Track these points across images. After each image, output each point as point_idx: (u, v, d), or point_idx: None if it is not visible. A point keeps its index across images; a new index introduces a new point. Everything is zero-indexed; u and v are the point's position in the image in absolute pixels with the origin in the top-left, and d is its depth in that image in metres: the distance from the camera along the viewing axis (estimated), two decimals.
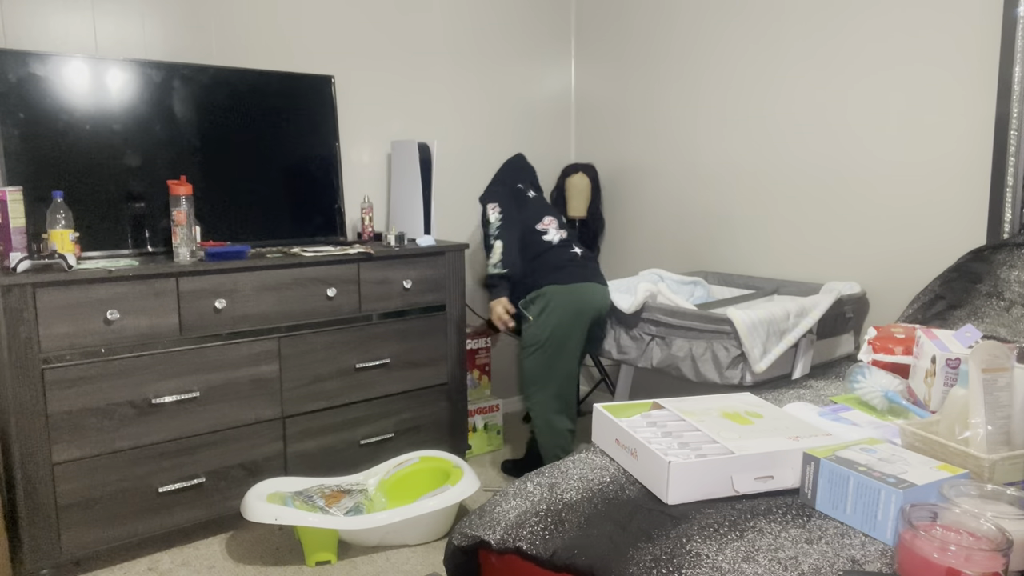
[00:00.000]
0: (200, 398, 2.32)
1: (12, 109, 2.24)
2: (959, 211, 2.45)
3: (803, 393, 1.85)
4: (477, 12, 3.40)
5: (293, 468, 2.54)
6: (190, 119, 2.56)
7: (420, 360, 2.81)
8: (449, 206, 3.40)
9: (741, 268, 3.11)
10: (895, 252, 2.62)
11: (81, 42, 2.44)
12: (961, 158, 2.43)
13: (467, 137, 3.44)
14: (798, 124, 2.86)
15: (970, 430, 1.25)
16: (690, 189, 3.25)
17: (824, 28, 2.74)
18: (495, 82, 3.50)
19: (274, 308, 2.44)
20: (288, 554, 2.33)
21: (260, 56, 2.80)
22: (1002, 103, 2.29)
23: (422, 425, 2.85)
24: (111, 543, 2.21)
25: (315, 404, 2.56)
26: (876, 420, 1.56)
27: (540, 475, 1.43)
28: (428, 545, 2.38)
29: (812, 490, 1.23)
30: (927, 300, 2.32)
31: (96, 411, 2.15)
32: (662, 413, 1.50)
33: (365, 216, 2.94)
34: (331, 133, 2.89)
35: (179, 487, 2.30)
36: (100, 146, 2.39)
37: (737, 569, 1.05)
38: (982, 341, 1.42)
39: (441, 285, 2.83)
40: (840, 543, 1.10)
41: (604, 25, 3.61)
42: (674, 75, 3.28)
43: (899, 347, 1.85)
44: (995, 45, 2.31)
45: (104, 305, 2.13)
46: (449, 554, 1.39)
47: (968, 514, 1.00)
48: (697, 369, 2.34)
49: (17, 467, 2.04)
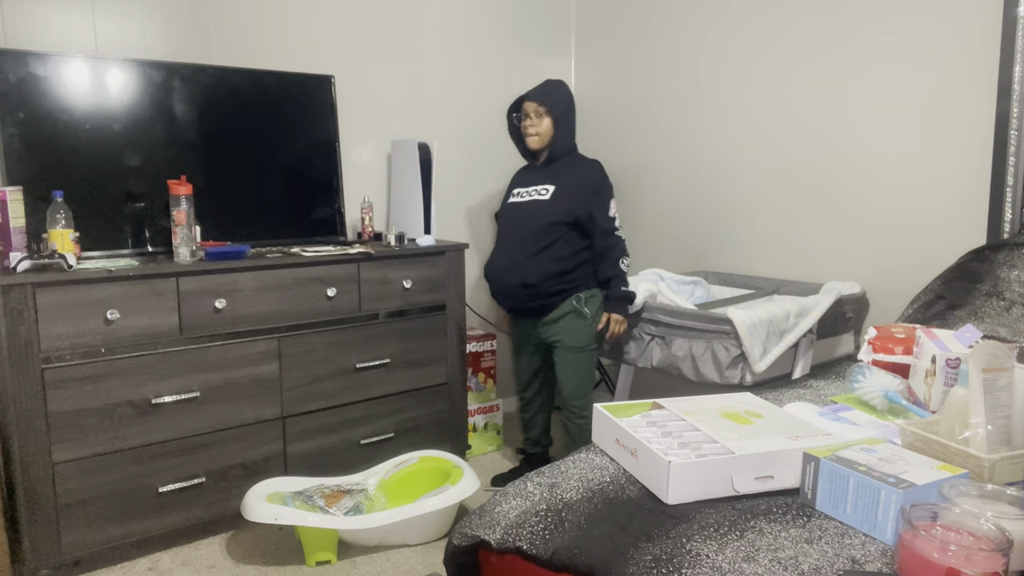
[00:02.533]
0: (200, 398, 2.32)
1: (12, 109, 2.24)
2: (959, 211, 2.45)
3: (803, 393, 1.85)
4: (477, 12, 3.40)
5: (293, 468, 2.54)
6: (190, 119, 2.55)
7: (420, 360, 2.81)
8: (449, 206, 3.40)
9: (741, 268, 3.11)
10: (895, 252, 2.62)
11: (81, 42, 2.44)
12: (961, 158, 2.43)
13: (467, 137, 3.44)
14: (797, 124, 2.86)
15: (970, 430, 1.25)
16: (690, 189, 3.25)
17: (824, 28, 2.74)
18: (495, 82, 3.50)
19: (274, 308, 2.43)
20: (288, 554, 2.33)
21: (260, 56, 2.80)
22: (1002, 103, 2.29)
23: (422, 425, 2.85)
24: (111, 543, 2.21)
25: (315, 404, 2.56)
26: (876, 420, 1.56)
27: (540, 475, 1.43)
28: (428, 545, 2.38)
29: (812, 490, 1.23)
30: (927, 300, 2.32)
31: (96, 411, 2.15)
32: (662, 413, 1.49)
33: (365, 216, 2.94)
34: (331, 133, 2.89)
35: (179, 487, 2.30)
36: (100, 146, 2.39)
37: (737, 569, 1.05)
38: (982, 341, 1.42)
39: (441, 285, 2.83)
40: (840, 543, 1.10)
41: (604, 25, 3.61)
42: (674, 75, 3.28)
43: (899, 347, 1.85)
44: (995, 45, 2.31)
45: (104, 305, 2.13)
46: (449, 554, 1.39)
47: (968, 514, 1.00)
48: (697, 369, 2.34)
49: (17, 467, 2.04)
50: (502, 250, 2.63)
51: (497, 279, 2.62)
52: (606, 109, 3.62)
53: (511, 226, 2.63)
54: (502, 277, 2.60)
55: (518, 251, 2.56)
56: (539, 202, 2.56)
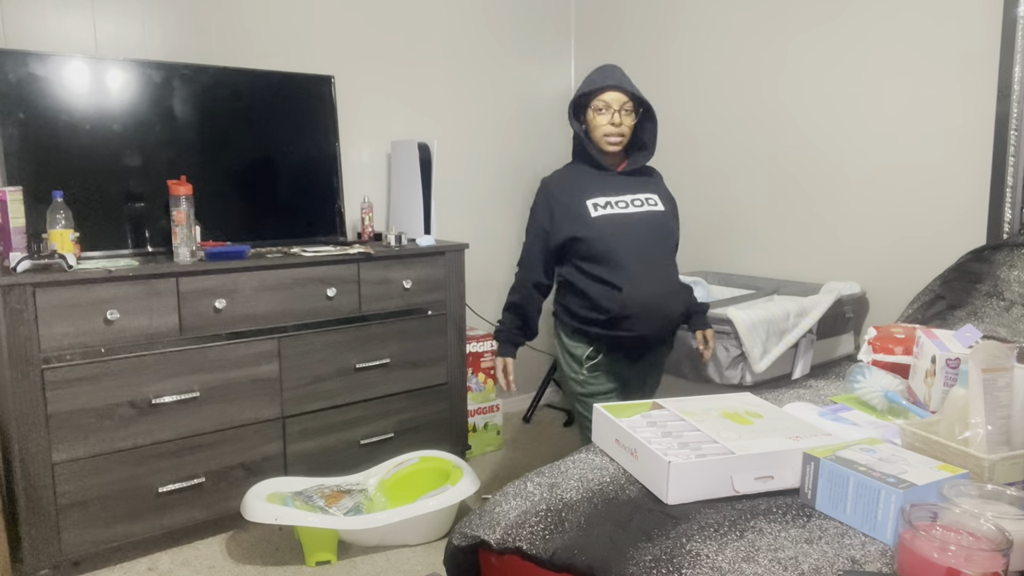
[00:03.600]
0: (200, 398, 2.32)
1: (12, 109, 2.24)
2: (959, 211, 2.45)
3: (803, 393, 1.85)
4: (477, 12, 3.40)
5: (293, 468, 2.54)
6: (190, 119, 2.55)
7: (420, 360, 2.81)
8: (449, 206, 3.40)
9: (741, 268, 3.11)
10: (895, 252, 2.62)
11: (81, 42, 2.44)
12: (961, 158, 2.43)
13: (467, 137, 3.44)
14: (798, 124, 2.86)
15: (970, 430, 1.25)
16: (690, 189, 3.25)
17: (824, 29, 2.74)
18: (495, 82, 3.50)
19: (274, 308, 2.43)
20: (288, 554, 2.33)
21: (260, 56, 2.79)
22: (1002, 103, 2.29)
23: (422, 425, 2.85)
24: (111, 543, 2.21)
25: (315, 404, 2.56)
26: (876, 420, 1.56)
27: (540, 475, 1.43)
28: (428, 545, 2.38)
29: (812, 490, 1.23)
30: (927, 300, 2.32)
31: (96, 411, 2.14)
32: (662, 413, 1.49)
33: (365, 216, 2.94)
34: (331, 133, 2.89)
35: (179, 487, 2.30)
36: (100, 146, 2.39)
37: (737, 569, 1.05)
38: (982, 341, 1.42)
39: (441, 285, 2.83)
40: (840, 543, 1.10)
41: (604, 25, 3.61)
42: (674, 75, 3.28)
43: (899, 347, 1.85)
44: (995, 45, 2.31)
45: (104, 305, 2.13)
46: (449, 554, 1.39)
47: (968, 514, 1.00)
48: (697, 369, 2.34)
49: (17, 467, 2.04)
50: (642, 271, 2.01)
51: (654, 306, 2.02)
52: None
53: (633, 242, 2.03)
54: (666, 303, 2.05)
55: (660, 270, 2.08)
56: (656, 214, 2.10)
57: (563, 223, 2.06)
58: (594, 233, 2.02)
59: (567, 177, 2.14)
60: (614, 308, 1.99)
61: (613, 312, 2.00)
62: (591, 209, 2.04)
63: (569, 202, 2.06)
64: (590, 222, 2.03)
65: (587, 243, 2.02)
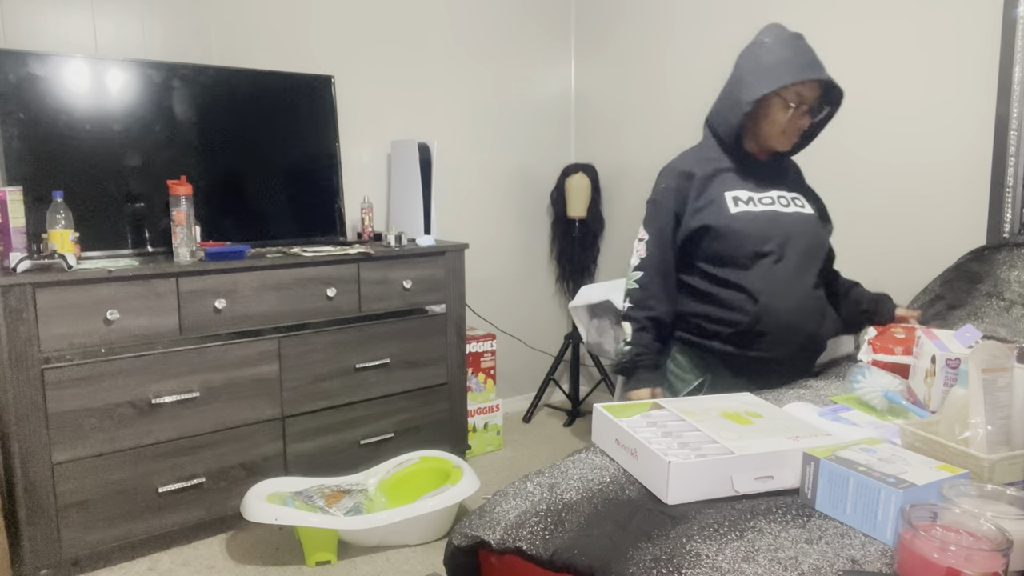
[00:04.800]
0: (200, 398, 2.32)
1: (12, 109, 2.24)
2: (959, 211, 2.45)
3: (803, 393, 1.85)
4: (477, 12, 3.40)
5: (293, 468, 2.54)
6: (190, 119, 2.55)
7: (420, 360, 2.81)
8: (449, 206, 3.40)
9: None
10: (895, 252, 2.62)
11: (81, 42, 2.44)
12: (961, 158, 2.43)
13: (467, 137, 3.44)
14: None
15: (970, 430, 1.25)
16: None
17: (823, 29, 2.73)
18: (495, 82, 3.50)
19: (274, 308, 2.43)
20: (288, 554, 2.33)
21: (260, 56, 2.80)
22: (1002, 103, 2.29)
23: (422, 425, 2.85)
24: (111, 543, 2.21)
25: (315, 404, 2.56)
26: (876, 420, 1.56)
27: (540, 475, 1.43)
28: (428, 545, 2.38)
29: (812, 490, 1.23)
30: (927, 300, 2.32)
31: (96, 411, 2.15)
32: (662, 413, 1.49)
33: (365, 216, 2.94)
34: (331, 133, 2.89)
35: (179, 487, 2.30)
36: (100, 146, 2.39)
37: (737, 569, 1.04)
38: (982, 341, 1.42)
39: (441, 285, 2.83)
40: (840, 543, 1.10)
41: (604, 25, 3.61)
42: (674, 75, 3.28)
43: (899, 347, 1.84)
44: (995, 45, 2.31)
45: (104, 305, 2.13)
46: (449, 554, 1.39)
47: (968, 514, 1.00)
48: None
49: (17, 467, 2.04)
50: (786, 283, 1.72)
51: (796, 325, 1.75)
52: (606, 109, 3.62)
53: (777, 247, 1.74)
54: (807, 322, 1.76)
55: (801, 282, 1.77)
56: (806, 217, 1.83)
57: (697, 211, 1.75)
58: (735, 227, 1.72)
59: (701, 162, 1.83)
60: (746, 320, 1.69)
61: (744, 325, 1.69)
62: (730, 204, 1.75)
63: (704, 188, 1.77)
64: (729, 216, 1.74)
65: (722, 240, 1.72)
